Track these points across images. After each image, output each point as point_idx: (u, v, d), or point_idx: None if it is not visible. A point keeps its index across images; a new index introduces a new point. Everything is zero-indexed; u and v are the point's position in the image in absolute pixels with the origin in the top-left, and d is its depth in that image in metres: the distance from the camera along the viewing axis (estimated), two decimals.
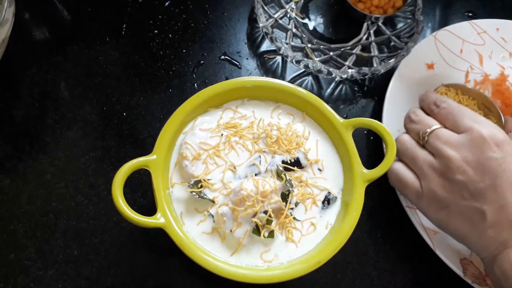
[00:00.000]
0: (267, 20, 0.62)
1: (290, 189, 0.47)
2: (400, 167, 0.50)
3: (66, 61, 0.59)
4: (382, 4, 0.65)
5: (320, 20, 0.66)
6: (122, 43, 0.61)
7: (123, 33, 0.62)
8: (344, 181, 0.50)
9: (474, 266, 0.51)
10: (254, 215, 0.45)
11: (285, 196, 0.47)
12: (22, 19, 0.61)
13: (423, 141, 0.48)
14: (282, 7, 0.65)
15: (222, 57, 0.62)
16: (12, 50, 0.54)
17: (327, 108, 0.50)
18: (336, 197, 0.49)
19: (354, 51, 0.63)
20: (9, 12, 0.49)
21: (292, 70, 0.62)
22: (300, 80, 0.62)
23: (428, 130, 0.48)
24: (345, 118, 0.50)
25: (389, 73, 0.60)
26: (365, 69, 0.57)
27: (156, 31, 0.62)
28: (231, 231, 0.45)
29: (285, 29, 0.64)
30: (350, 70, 0.57)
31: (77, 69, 0.59)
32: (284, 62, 0.63)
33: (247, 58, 0.62)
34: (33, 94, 0.57)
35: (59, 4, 0.63)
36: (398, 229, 0.55)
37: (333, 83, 0.62)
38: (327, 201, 0.48)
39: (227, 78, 0.61)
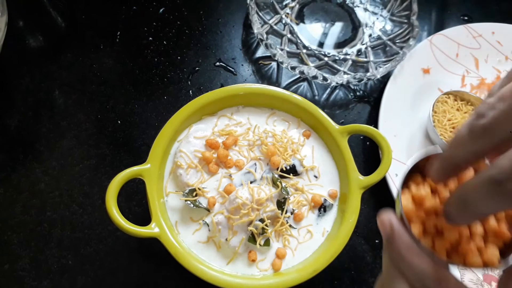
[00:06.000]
0: (262, 26, 0.61)
1: (286, 196, 0.46)
2: None
3: (60, 69, 0.59)
4: None
5: (315, 25, 0.66)
6: (116, 50, 0.61)
7: (117, 40, 0.61)
8: (340, 188, 0.49)
9: (472, 272, 0.51)
10: (250, 223, 0.44)
11: (281, 204, 0.46)
12: (16, 27, 0.60)
13: None
14: (277, 13, 0.65)
15: (217, 63, 0.62)
16: (6, 59, 0.54)
17: (323, 114, 0.50)
18: (332, 204, 0.49)
19: (349, 57, 0.63)
20: (1, 22, 0.49)
21: (287, 76, 0.62)
22: (296, 85, 0.61)
23: None
24: (341, 123, 0.50)
25: (385, 78, 0.60)
26: (360, 75, 0.57)
27: (150, 38, 0.62)
28: (226, 239, 0.44)
29: (280, 35, 0.64)
30: (345, 76, 0.57)
31: (71, 77, 0.58)
32: (279, 68, 0.63)
33: (242, 64, 0.62)
34: (27, 102, 0.56)
35: (53, 12, 0.63)
36: None
37: (329, 89, 0.62)
38: (324, 208, 0.48)
39: (222, 85, 0.60)
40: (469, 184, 0.22)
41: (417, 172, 0.28)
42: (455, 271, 0.50)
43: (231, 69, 0.62)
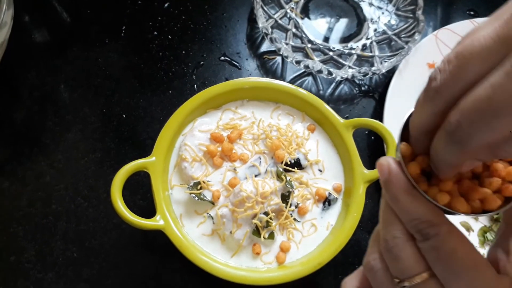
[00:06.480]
0: (266, 20, 0.61)
1: (291, 190, 0.46)
2: None
3: (66, 63, 0.59)
4: None
5: (320, 20, 0.66)
6: (121, 45, 0.61)
7: (122, 35, 0.62)
8: (345, 181, 0.49)
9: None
10: (254, 216, 0.45)
11: (285, 197, 0.46)
12: (22, 21, 0.61)
13: None
14: (282, 7, 0.65)
15: (222, 58, 0.62)
16: (12, 53, 0.54)
17: (327, 108, 0.50)
18: (336, 197, 0.48)
19: (354, 51, 0.63)
20: (8, 16, 0.49)
21: (292, 71, 0.62)
22: (301, 80, 0.61)
23: (407, 279, 0.27)
24: (346, 118, 0.50)
25: (390, 73, 0.60)
26: (365, 69, 0.56)
27: (155, 33, 0.62)
28: (231, 232, 0.44)
29: (285, 29, 0.64)
30: (350, 70, 0.56)
31: (77, 72, 0.59)
32: (284, 62, 0.62)
33: (247, 59, 0.62)
34: (32, 97, 0.56)
35: (59, 7, 0.63)
36: None
37: (334, 83, 0.62)
38: (328, 202, 0.48)
39: (227, 79, 0.60)
40: (435, 139, 0.24)
41: None
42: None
43: (235, 63, 0.62)
